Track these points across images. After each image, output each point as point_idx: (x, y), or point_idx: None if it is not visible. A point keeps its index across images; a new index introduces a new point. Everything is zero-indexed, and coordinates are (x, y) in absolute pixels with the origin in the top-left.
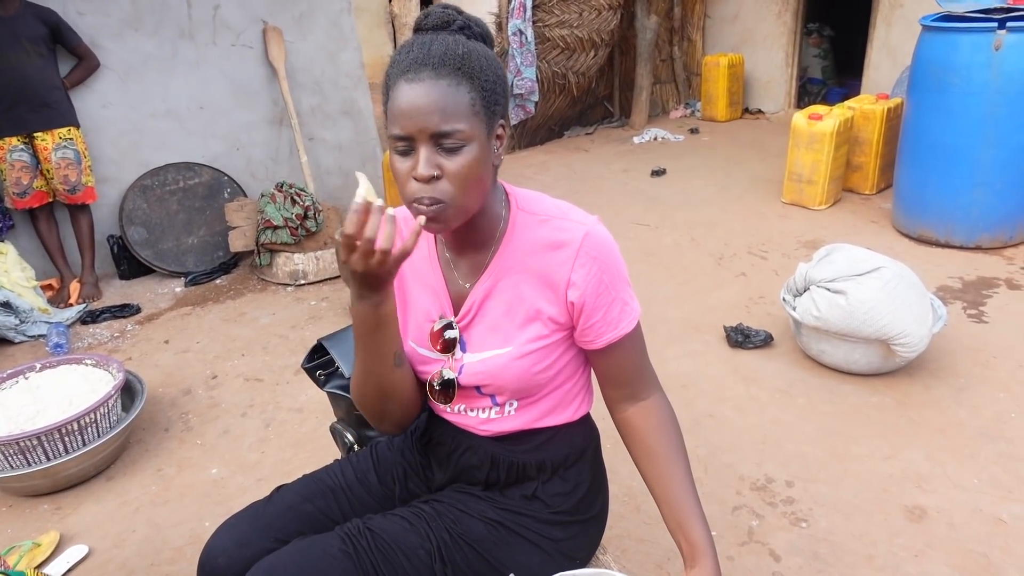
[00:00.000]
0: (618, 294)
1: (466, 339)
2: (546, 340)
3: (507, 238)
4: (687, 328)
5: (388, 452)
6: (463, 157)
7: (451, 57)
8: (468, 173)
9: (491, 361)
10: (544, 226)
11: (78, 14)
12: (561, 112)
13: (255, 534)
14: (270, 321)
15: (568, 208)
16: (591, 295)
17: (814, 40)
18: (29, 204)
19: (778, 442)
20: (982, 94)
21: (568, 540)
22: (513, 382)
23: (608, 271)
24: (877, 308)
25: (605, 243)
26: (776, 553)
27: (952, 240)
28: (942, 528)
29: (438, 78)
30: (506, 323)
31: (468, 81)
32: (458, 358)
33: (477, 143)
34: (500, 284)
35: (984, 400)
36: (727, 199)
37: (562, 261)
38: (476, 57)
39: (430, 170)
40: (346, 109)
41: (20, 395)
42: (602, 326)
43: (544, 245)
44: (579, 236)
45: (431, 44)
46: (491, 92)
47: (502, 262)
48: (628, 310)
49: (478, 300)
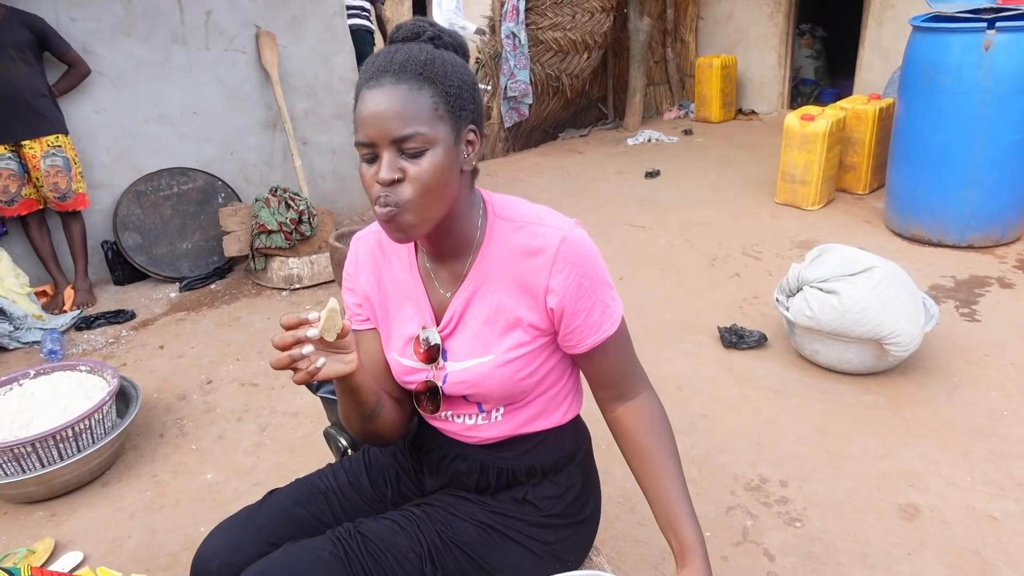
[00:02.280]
0: (598, 297)
1: (448, 348)
2: (528, 347)
3: (485, 245)
4: (681, 329)
5: (380, 455)
6: (426, 161)
7: (412, 63)
8: (430, 178)
9: (474, 370)
10: (520, 232)
11: (70, 20)
12: (555, 114)
13: (247, 538)
14: (265, 326)
15: (545, 213)
16: (570, 300)
17: (806, 41)
18: (17, 212)
19: (772, 442)
20: (973, 94)
21: (559, 543)
22: (497, 389)
23: (587, 275)
24: (869, 308)
25: (582, 247)
26: (770, 553)
27: (944, 239)
28: (935, 526)
29: (398, 83)
30: (487, 331)
31: (430, 85)
32: (441, 367)
33: (441, 147)
34: (480, 292)
35: (976, 398)
36: (721, 200)
37: (539, 267)
38: (440, 63)
39: (391, 174)
40: (339, 113)
41: (14, 402)
42: (584, 330)
43: (521, 252)
44: (555, 242)
45: (395, 52)
46: (456, 97)
47: (480, 270)
48: (609, 312)
49: (459, 309)
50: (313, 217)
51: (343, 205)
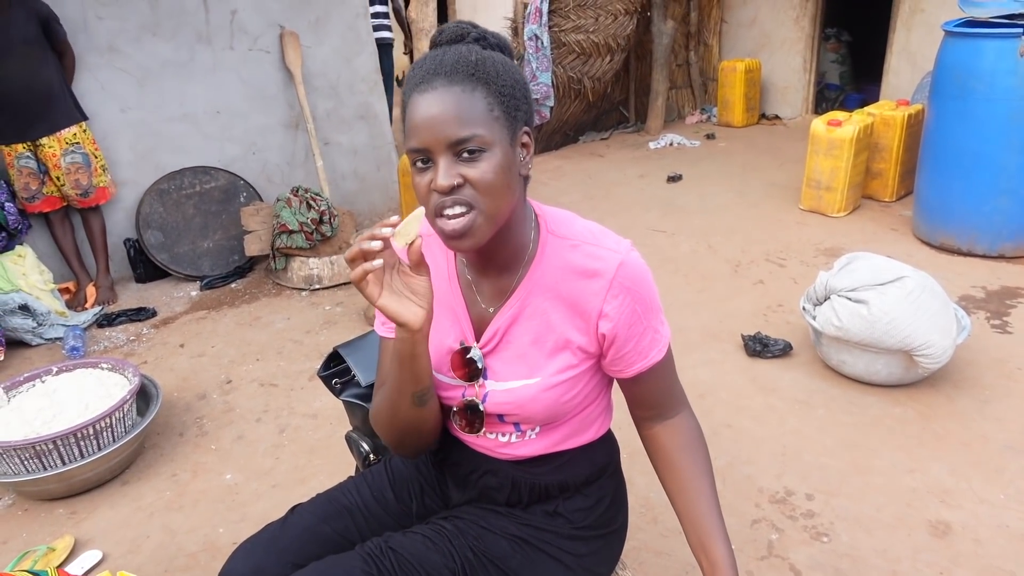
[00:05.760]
0: (649, 323)
1: (489, 367)
2: (575, 370)
3: (536, 262)
4: (704, 336)
5: (403, 467)
6: (485, 163)
7: (463, 64)
8: (493, 179)
9: (519, 392)
10: (575, 251)
11: (97, 19)
12: (576, 117)
13: (271, 560)
14: (285, 326)
15: (601, 233)
16: (623, 327)
17: (832, 45)
18: (40, 208)
19: (798, 454)
20: (1006, 100)
21: (591, 555)
22: (540, 412)
23: (641, 302)
24: (900, 318)
25: (639, 273)
26: (796, 568)
27: (975, 249)
28: (967, 544)
29: (451, 85)
30: (534, 352)
31: (483, 86)
32: (481, 385)
33: (499, 149)
34: (527, 310)
35: (1009, 413)
36: (744, 205)
37: (595, 291)
38: (491, 63)
39: (450, 180)
40: (362, 113)
41: (37, 399)
42: (633, 356)
43: (575, 272)
44: (613, 266)
45: (443, 55)
46: (510, 97)
47: (530, 287)
48: (658, 338)
49: (503, 326)
50: (334, 218)
51: (364, 206)
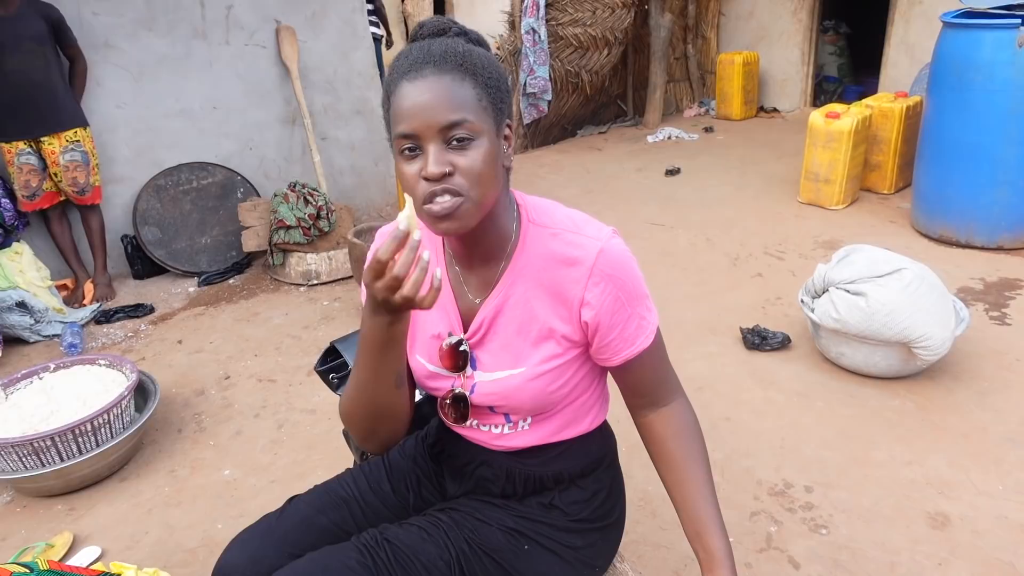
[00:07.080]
0: (634, 310)
1: (477, 357)
2: (560, 359)
3: (518, 251)
4: (703, 329)
5: (400, 459)
6: (474, 151)
7: (452, 55)
8: (482, 168)
9: (505, 382)
10: (556, 240)
11: (92, 14)
12: (574, 111)
13: (268, 549)
14: (283, 321)
15: (582, 220)
16: (606, 314)
17: (830, 38)
18: (39, 206)
19: (796, 446)
20: (1005, 91)
21: (587, 547)
22: (528, 402)
23: (624, 288)
24: (898, 310)
25: (620, 259)
26: (795, 560)
27: (973, 240)
28: (966, 536)
29: (441, 73)
30: (519, 342)
31: (471, 77)
32: (469, 376)
33: (487, 138)
34: (511, 300)
35: (1008, 404)
36: (743, 198)
37: (575, 279)
38: (477, 56)
39: (441, 167)
40: (359, 108)
41: (34, 395)
42: (619, 343)
43: (556, 260)
44: (593, 253)
45: (430, 45)
46: (496, 89)
47: (513, 277)
48: (645, 324)
49: (488, 317)
50: (331, 213)
51: (361, 201)
